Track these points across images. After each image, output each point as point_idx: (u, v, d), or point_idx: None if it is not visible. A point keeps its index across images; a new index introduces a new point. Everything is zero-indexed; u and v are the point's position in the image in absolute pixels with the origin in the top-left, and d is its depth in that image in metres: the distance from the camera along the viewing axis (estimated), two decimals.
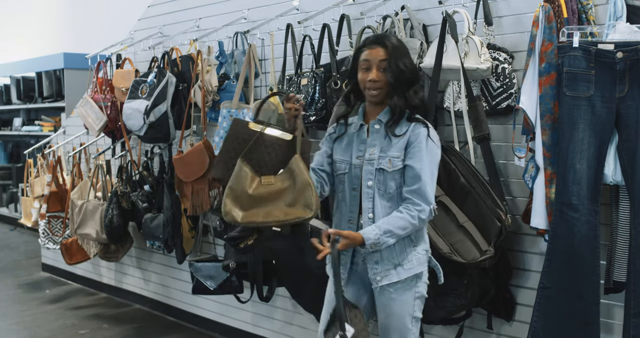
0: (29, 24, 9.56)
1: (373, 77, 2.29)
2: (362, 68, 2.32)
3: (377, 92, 2.31)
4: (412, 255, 2.31)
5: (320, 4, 3.36)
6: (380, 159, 2.31)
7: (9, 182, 8.86)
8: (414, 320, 2.34)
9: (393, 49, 2.29)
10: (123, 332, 4.42)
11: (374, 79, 2.29)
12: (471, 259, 2.51)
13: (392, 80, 2.27)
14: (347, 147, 2.41)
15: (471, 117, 2.67)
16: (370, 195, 2.32)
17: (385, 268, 2.32)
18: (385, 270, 2.32)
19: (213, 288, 3.73)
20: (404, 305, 2.32)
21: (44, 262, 6.12)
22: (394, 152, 2.29)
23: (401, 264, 2.30)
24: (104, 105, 4.37)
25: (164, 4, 4.49)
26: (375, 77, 2.29)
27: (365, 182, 2.33)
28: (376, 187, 2.31)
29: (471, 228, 2.56)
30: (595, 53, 2.33)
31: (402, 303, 2.32)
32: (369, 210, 2.32)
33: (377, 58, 2.29)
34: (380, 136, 2.33)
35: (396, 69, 2.27)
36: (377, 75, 2.29)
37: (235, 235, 3.39)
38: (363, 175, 2.34)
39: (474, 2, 2.78)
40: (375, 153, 2.32)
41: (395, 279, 2.31)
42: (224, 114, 3.46)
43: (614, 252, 2.46)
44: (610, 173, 2.39)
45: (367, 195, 2.33)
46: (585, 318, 2.41)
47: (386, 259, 2.31)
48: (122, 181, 4.44)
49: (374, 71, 2.29)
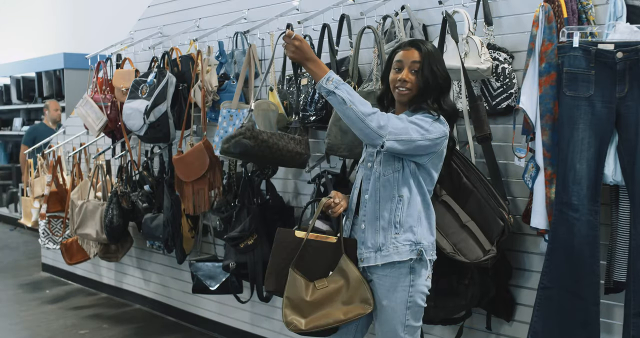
0: (29, 24, 9.57)
1: (403, 77, 2.31)
2: (394, 68, 2.35)
3: (405, 91, 2.32)
4: (391, 243, 2.31)
5: (320, 4, 3.36)
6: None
7: (9, 182, 8.87)
8: (407, 329, 2.33)
9: (427, 52, 2.31)
10: (123, 332, 4.42)
11: (403, 79, 2.30)
12: (474, 259, 2.51)
13: (422, 83, 2.29)
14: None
15: (472, 117, 2.67)
16: (369, 177, 2.38)
17: (367, 250, 2.36)
18: (367, 251, 2.36)
19: (213, 288, 3.73)
20: (395, 313, 2.32)
21: (44, 262, 6.12)
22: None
23: (380, 249, 2.33)
24: (104, 105, 4.37)
25: (164, 4, 4.49)
26: (405, 77, 2.30)
27: (366, 163, 2.40)
28: (374, 168, 2.35)
29: (474, 228, 2.56)
30: (595, 53, 2.33)
31: (393, 311, 2.32)
32: (366, 191, 2.38)
33: (410, 59, 2.31)
34: None
35: (428, 72, 2.29)
36: (407, 76, 2.30)
37: (235, 235, 3.39)
38: (365, 156, 2.42)
39: (474, 2, 2.78)
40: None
41: (373, 263, 2.34)
42: (224, 114, 3.46)
43: (614, 252, 2.46)
44: (610, 173, 2.39)
45: (366, 177, 2.40)
46: (585, 318, 2.41)
47: (369, 241, 2.35)
48: (122, 181, 4.44)
49: (405, 71, 2.31)
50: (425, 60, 2.30)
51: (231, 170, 3.77)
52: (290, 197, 3.70)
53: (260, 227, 3.44)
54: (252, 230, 3.39)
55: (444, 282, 2.59)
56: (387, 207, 2.32)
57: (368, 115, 2.20)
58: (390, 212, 2.32)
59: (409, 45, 2.34)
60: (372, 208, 2.35)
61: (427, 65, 2.29)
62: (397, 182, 2.31)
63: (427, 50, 2.32)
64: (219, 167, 3.74)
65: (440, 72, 2.31)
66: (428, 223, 2.36)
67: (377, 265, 2.33)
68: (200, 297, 4.25)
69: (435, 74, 2.30)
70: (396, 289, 2.31)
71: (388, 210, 2.32)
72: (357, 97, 2.23)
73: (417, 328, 2.37)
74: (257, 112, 3.28)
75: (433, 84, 2.29)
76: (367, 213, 2.37)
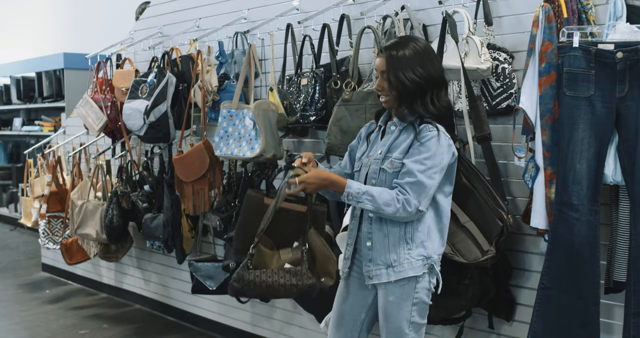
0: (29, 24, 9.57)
1: (375, 86, 2.33)
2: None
3: (384, 99, 2.33)
4: (404, 259, 2.28)
5: (320, 4, 3.36)
6: (385, 159, 2.31)
7: (9, 182, 8.86)
8: (412, 325, 2.31)
9: (391, 59, 2.26)
10: (123, 332, 4.42)
11: (376, 88, 2.33)
12: (473, 259, 2.51)
13: (394, 91, 2.28)
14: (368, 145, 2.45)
15: (472, 117, 2.67)
16: None
17: (377, 267, 2.32)
18: (377, 269, 2.32)
19: (213, 288, 3.73)
20: (401, 310, 2.31)
21: (44, 262, 6.12)
22: (397, 153, 2.29)
23: (392, 265, 2.29)
24: (104, 105, 4.37)
25: (164, 4, 4.49)
26: (377, 86, 2.33)
27: (369, 181, 2.35)
28: (378, 186, 2.31)
29: (473, 229, 2.56)
30: (595, 53, 2.33)
31: (399, 307, 2.31)
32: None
33: (380, 68, 2.31)
34: (393, 137, 2.34)
35: (394, 79, 2.25)
36: (379, 85, 2.31)
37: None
38: (369, 173, 2.36)
39: (474, 2, 2.78)
40: (382, 153, 2.33)
41: (385, 280, 2.30)
42: (224, 114, 3.46)
43: (614, 252, 2.46)
44: (610, 173, 2.39)
45: None
46: (585, 318, 2.41)
47: (379, 258, 2.31)
48: (122, 181, 4.44)
49: (379, 80, 2.32)
50: (390, 68, 2.26)
51: (231, 170, 3.77)
52: None
53: None
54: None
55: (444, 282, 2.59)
56: (395, 223, 2.29)
57: (396, 211, 2.20)
58: (399, 229, 2.29)
59: (381, 51, 2.32)
60: (379, 225, 2.31)
61: (392, 73, 2.26)
62: None
63: (391, 56, 2.26)
64: (219, 167, 3.74)
65: (407, 78, 2.23)
66: (440, 235, 2.34)
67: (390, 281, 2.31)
68: (200, 297, 4.25)
69: (400, 80, 2.24)
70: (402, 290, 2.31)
71: (397, 226, 2.29)
72: (380, 200, 2.21)
73: (422, 326, 2.35)
74: (257, 112, 3.28)
75: (404, 90, 2.25)
76: (374, 230, 2.33)
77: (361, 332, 2.49)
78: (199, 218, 4.06)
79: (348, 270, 2.46)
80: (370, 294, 2.44)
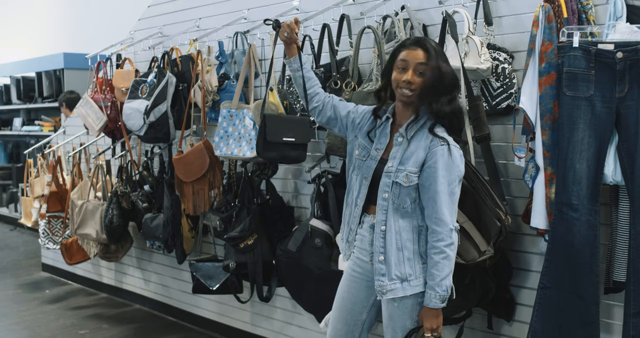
0: (29, 24, 9.57)
1: (408, 79, 2.23)
2: (398, 67, 2.27)
3: (410, 93, 2.25)
4: (420, 273, 2.27)
5: (320, 4, 3.36)
6: (397, 171, 2.26)
7: (9, 182, 8.86)
8: (416, 323, 2.32)
9: (434, 52, 2.23)
10: (123, 332, 4.42)
11: (408, 80, 2.23)
12: (470, 260, 2.50)
13: (428, 85, 2.22)
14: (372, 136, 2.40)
15: (472, 117, 2.67)
16: (385, 208, 2.29)
17: (392, 282, 2.29)
18: (392, 283, 2.29)
19: (213, 288, 3.73)
20: (407, 309, 2.31)
21: (44, 262, 6.12)
22: (411, 166, 2.25)
23: (408, 280, 2.27)
24: (104, 105, 4.37)
25: (164, 4, 4.49)
26: (410, 78, 2.23)
27: (381, 194, 2.30)
28: (391, 200, 2.28)
29: (470, 229, 2.55)
30: (595, 53, 2.33)
31: (405, 307, 2.31)
32: (381, 223, 2.30)
33: (415, 60, 2.24)
34: (402, 149, 2.29)
35: (437, 72, 2.21)
36: (412, 78, 2.23)
37: (235, 235, 3.39)
38: (380, 186, 2.30)
39: (474, 2, 2.78)
40: (393, 165, 2.28)
41: (401, 294, 2.28)
42: (224, 113, 3.46)
43: (614, 252, 2.46)
44: (610, 173, 2.39)
45: (381, 207, 2.30)
46: (585, 318, 2.41)
47: (393, 273, 2.28)
48: (122, 181, 4.44)
49: (410, 73, 2.24)
50: (432, 61, 2.22)
51: (231, 170, 3.77)
52: (290, 197, 3.70)
53: (260, 227, 3.44)
54: (252, 230, 3.39)
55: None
56: (409, 237, 2.28)
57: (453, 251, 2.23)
58: (413, 243, 2.28)
59: (415, 45, 2.26)
60: (393, 239, 2.28)
61: (436, 66, 2.22)
62: (415, 213, 2.28)
63: (433, 49, 2.24)
64: (219, 167, 3.74)
65: (448, 72, 2.24)
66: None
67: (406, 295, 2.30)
68: (200, 297, 4.26)
69: (444, 74, 2.22)
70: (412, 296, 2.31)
71: (411, 240, 2.28)
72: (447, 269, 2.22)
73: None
74: (257, 112, 3.28)
75: (439, 86, 2.22)
76: (387, 244, 2.29)
77: (362, 332, 2.49)
78: (199, 218, 4.06)
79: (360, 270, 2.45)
80: (372, 294, 2.44)
